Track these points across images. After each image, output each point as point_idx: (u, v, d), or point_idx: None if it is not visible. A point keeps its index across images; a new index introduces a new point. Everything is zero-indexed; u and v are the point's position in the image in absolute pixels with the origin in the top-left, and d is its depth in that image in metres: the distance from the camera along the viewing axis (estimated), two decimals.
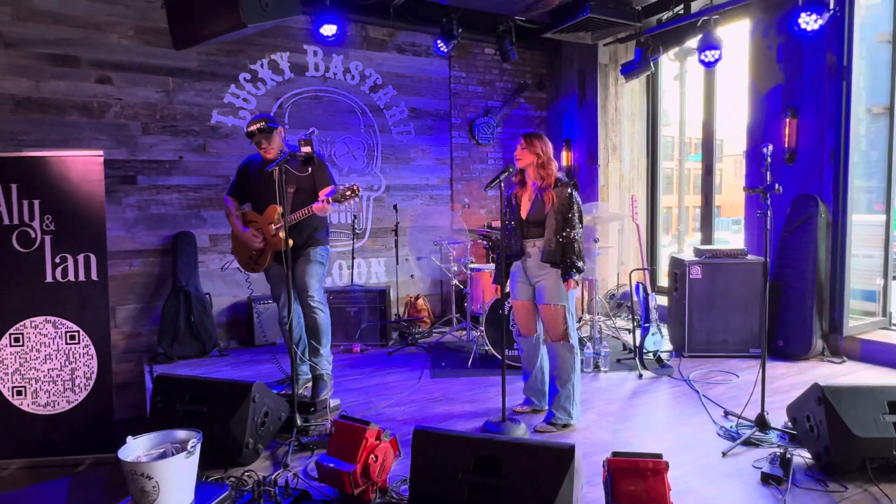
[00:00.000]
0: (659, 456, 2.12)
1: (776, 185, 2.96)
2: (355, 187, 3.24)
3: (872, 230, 4.64)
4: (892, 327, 4.56)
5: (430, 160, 6.19)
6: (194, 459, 1.97)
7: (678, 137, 6.61)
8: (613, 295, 5.78)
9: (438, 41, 5.49)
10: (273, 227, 3.48)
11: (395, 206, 5.66)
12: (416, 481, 2.15)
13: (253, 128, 3.46)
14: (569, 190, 3.02)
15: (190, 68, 4.98)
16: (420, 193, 6.14)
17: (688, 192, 5.99)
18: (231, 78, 5.16)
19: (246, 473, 2.67)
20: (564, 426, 3.20)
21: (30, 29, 4.42)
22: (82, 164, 3.59)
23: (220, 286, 5.21)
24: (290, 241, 3.36)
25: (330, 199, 3.27)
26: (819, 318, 4.39)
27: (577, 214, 3.01)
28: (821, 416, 2.59)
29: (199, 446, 2.01)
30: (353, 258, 5.65)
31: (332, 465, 2.43)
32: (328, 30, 5.02)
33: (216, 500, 2.06)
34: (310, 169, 3.48)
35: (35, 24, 4.44)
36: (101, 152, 3.64)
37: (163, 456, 1.96)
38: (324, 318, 3.62)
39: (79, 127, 4.60)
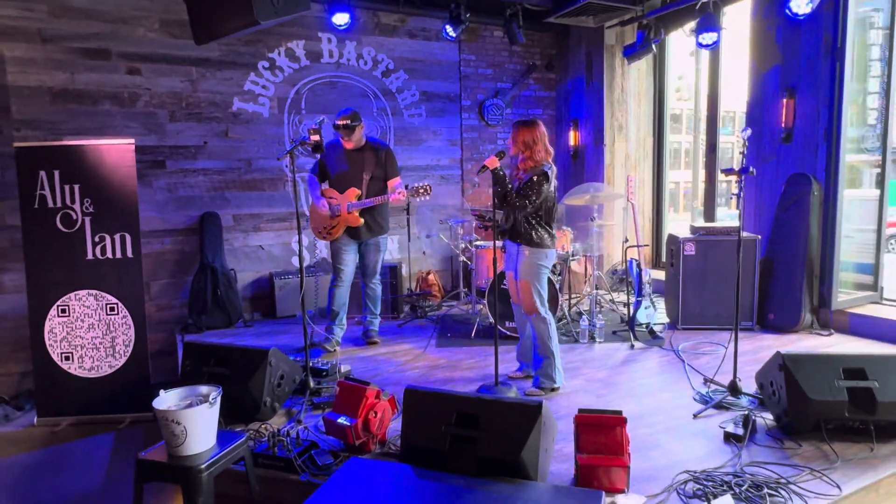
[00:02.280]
0: (619, 412, 2.38)
1: (750, 168, 3.13)
2: (428, 187, 3.82)
3: (869, 206, 4.72)
4: (884, 301, 4.68)
5: (441, 141, 6.35)
6: (215, 409, 2.31)
7: (693, 112, 6.67)
8: (616, 271, 5.96)
9: (447, 26, 5.65)
10: (353, 206, 4.01)
11: (406, 186, 5.82)
12: (407, 432, 2.46)
13: (339, 123, 4.02)
14: (535, 177, 3.23)
15: (212, 58, 5.25)
16: (431, 174, 6.32)
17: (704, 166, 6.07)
18: (250, 66, 5.40)
19: (263, 426, 3.02)
20: (552, 390, 3.46)
21: (64, 25, 4.74)
22: (116, 152, 3.94)
23: (245, 262, 5.52)
24: (361, 220, 4.05)
25: (407, 192, 3.82)
26: (809, 292, 4.54)
27: (531, 197, 3.20)
28: (781, 381, 2.81)
29: (219, 399, 2.34)
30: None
31: (337, 419, 2.75)
32: (340, 18, 5.22)
33: (234, 444, 2.40)
34: (369, 156, 4.04)
35: (69, 20, 4.75)
36: (132, 140, 3.99)
37: (189, 406, 2.30)
38: (380, 290, 4.46)
39: (111, 116, 4.94)
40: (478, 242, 5.16)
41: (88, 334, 3.97)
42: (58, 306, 3.93)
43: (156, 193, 5.14)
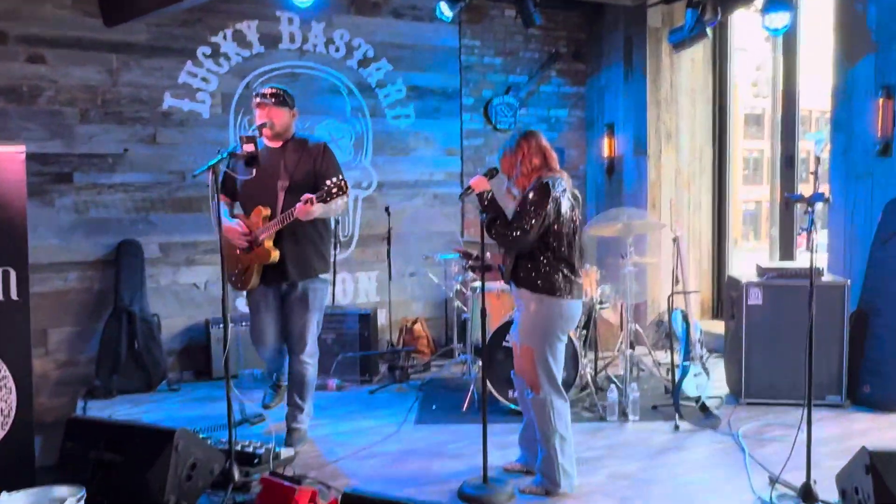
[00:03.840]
0: None
1: (825, 196, 2.97)
2: (342, 182, 3.43)
3: None
4: None
5: (435, 150, 6.29)
6: None
7: (770, 112, 6.54)
8: (661, 323, 5.79)
9: (442, 3, 5.58)
10: (259, 234, 3.67)
11: (386, 209, 5.77)
12: None
13: (264, 91, 3.73)
14: (532, 191, 3.14)
15: (138, 43, 5.24)
16: (422, 191, 6.26)
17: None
18: (187, 53, 5.38)
19: None
20: (555, 495, 3.27)
21: None
22: None
23: (173, 305, 5.45)
24: (276, 254, 3.63)
25: (314, 198, 3.44)
26: None
27: (528, 219, 3.06)
28: (868, 489, 2.60)
29: None
30: (334, 273, 5.78)
31: None
32: None
33: None
34: (296, 160, 3.72)
35: None
36: (22, 147, 3.89)
37: None
38: (313, 372, 3.93)
39: (5, 115, 4.91)
40: (475, 283, 5.04)
41: None
42: None
43: (59, 215, 5.09)
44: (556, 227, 3.14)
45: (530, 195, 3.12)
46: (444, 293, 5.92)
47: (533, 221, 3.08)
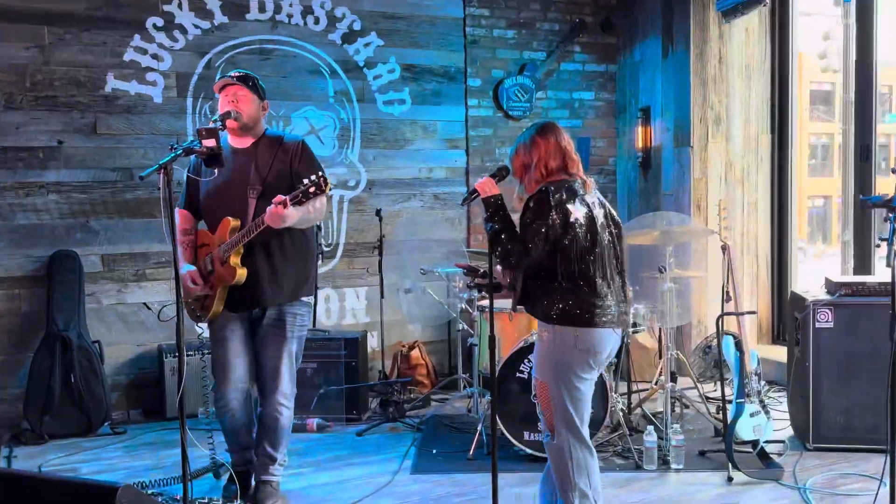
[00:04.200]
0: None
1: None
2: (321, 178, 3.35)
3: None
4: None
5: (435, 142, 6.27)
6: None
7: (841, 90, 6.46)
8: (709, 348, 5.71)
9: None
10: (223, 249, 3.60)
11: (377, 212, 5.73)
12: None
13: (231, 75, 3.67)
14: (531, 202, 3.10)
15: (76, 13, 5.22)
16: (420, 191, 6.24)
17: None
18: (135, 26, 5.35)
19: None
20: None
21: None
22: None
23: (118, 330, 5.40)
24: (243, 273, 3.55)
25: (288, 200, 3.35)
26: None
27: (529, 236, 3.03)
28: None
29: None
30: (315, 288, 5.71)
31: None
32: None
33: None
34: (269, 162, 3.66)
35: None
36: None
37: None
38: (289, 415, 3.82)
39: None
40: (482, 302, 4.95)
41: None
42: None
43: None
44: (566, 241, 3.08)
45: (529, 206, 3.10)
46: (447, 313, 5.88)
47: (536, 239, 3.04)
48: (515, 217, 3.15)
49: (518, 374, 4.27)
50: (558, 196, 3.05)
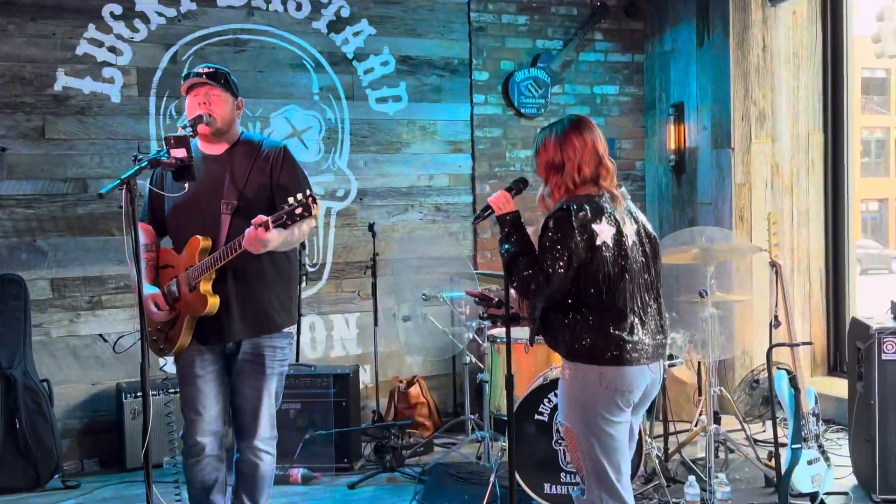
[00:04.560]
0: None
1: None
2: (308, 199, 3.33)
3: None
4: None
5: (436, 144, 6.28)
6: None
7: None
8: (755, 382, 5.75)
9: None
10: (192, 273, 3.59)
11: (370, 226, 5.75)
12: None
13: (200, 71, 3.64)
14: (549, 220, 3.11)
15: (19, 1, 5.23)
16: (419, 202, 6.25)
17: None
18: (89, 14, 5.37)
19: None
20: None
21: None
22: None
23: (70, 366, 5.40)
24: (215, 302, 3.52)
25: (271, 222, 3.34)
26: None
27: (548, 261, 3.05)
28: None
29: None
30: (299, 315, 5.69)
31: None
32: None
33: None
34: (246, 172, 3.65)
35: None
36: None
37: None
38: (271, 462, 3.82)
39: None
40: (493, 332, 4.99)
41: None
42: None
43: None
44: (591, 267, 3.08)
45: (549, 226, 3.09)
46: (452, 344, 5.85)
47: (557, 266, 3.03)
48: (531, 230, 3.20)
49: (537, 416, 4.26)
50: (582, 215, 3.05)
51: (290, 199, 3.32)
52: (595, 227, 3.06)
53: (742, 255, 4.70)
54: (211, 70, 3.66)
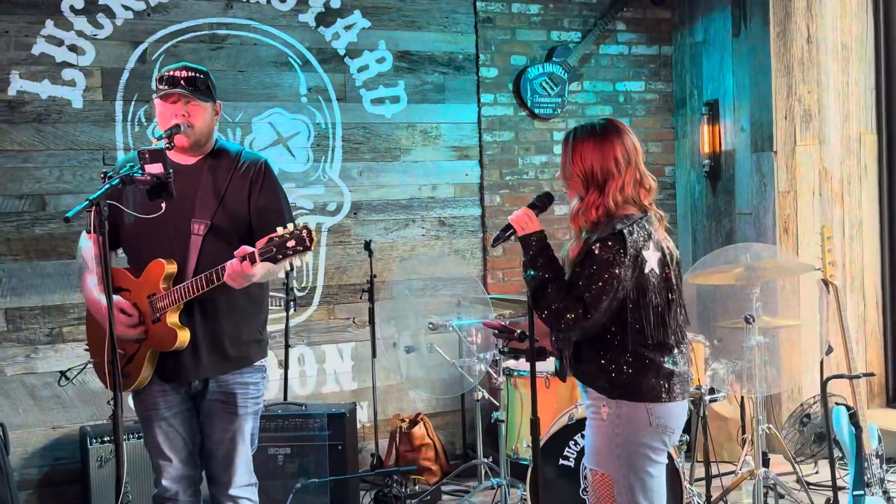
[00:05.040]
0: None
1: None
2: (303, 231, 3.28)
3: None
4: None
5: (440, 150, 6.29)
6: None
7: None
8: (806, 417, 5.70)
9: None
10: (157, 303, 3.55)
11: (367, 244, 5.70)
12: None
13: (173, 75, 3.56)
14: (597, 246, 3.08)
15: None
16: (420, 215, 6.24)
17: None
18: (46, 9, 5.35)
19: None
20: None
21: None
22: None
23: (28, 408, 5.36)
24: (186, 336, 3.49)
25: (258, 256, 3.29)
26: None
27: (593, 292, 3.06)
28: None
29: None
30: (286, 346, 5.72)
31: None
32: None
33: None
34: (227, 188, 3.61)
35: None
36: None
37: None
38: None
39: None
40: (509, 364, 4.99)
41: None
42: None
43: None
44: (638, 297, 3.13)
45: (595, 251, 3.08)
46: (461, 378, 5.73)
47: (602, 297, 3.05)
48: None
49: (561, 461, 4.26)
50: (634, 240, 3.07)
51: (283, 231, 3.27)
52: (645, 253, 3.10)
53: (792, 274, 4.64)
54: (189, 75, 3.59)
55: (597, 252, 3.06)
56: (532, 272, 3.13)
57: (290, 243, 3.23)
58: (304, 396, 5.85)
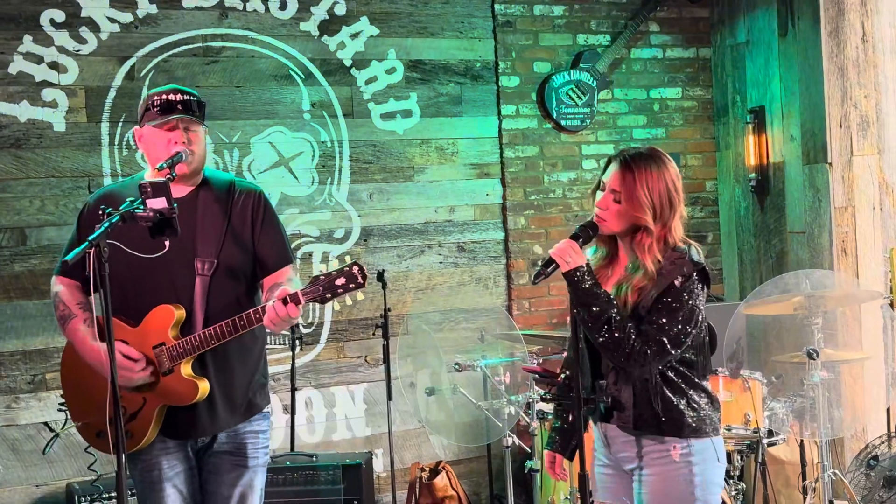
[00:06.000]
0: None
1: None
2: (356, 267, 3.31)
3: None
4: None
5: (457, 169, 6.31)
6: None
7: None
8: (874, 460, 5.61)
9: None
10: (170, 353, 3.52)
11: (380, 274, 5.67)
12: None
13: (170, 98, 3.54)
14: (678, 280, 3.18)
15: None
16: (437, 241, 6.26)
17: None
18: (24, 23, 5.36)
19: None
20: None
21: None
22: None
23: (9, 464, 5.36)
24: (205, 387, 3.48)
25: (303, 296, 3.30)
26: None
27: (679, 326, 3.17)
28: None
29: None
30: (293, 390, 5.72)
31: None
32: None
33: None
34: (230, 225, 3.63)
35: None
36: None
37: None
38: None
39: None
40: (542, 407, 5.03)
41: None
42: None
43: None
44: (702, 328, 3.31)
45: (675, 284, 3.17)
46: (488, 422, 5.71)
47: (686, 330, 3.17)
48: None
49: None
50: (710, 274, 3.28)
51: (337, 275, 3.31)
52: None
53: (857, 302, 4.58)
54: (185, 98, 3.60)
55: (676, 285, 3.17)
56: (585, 311, 3.19)
57: (340, 281, 3.27)
58: (312, 445, 5.84)
